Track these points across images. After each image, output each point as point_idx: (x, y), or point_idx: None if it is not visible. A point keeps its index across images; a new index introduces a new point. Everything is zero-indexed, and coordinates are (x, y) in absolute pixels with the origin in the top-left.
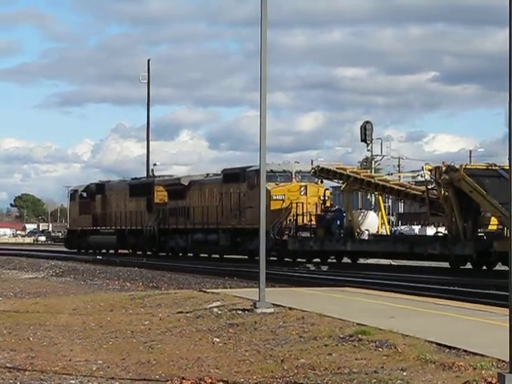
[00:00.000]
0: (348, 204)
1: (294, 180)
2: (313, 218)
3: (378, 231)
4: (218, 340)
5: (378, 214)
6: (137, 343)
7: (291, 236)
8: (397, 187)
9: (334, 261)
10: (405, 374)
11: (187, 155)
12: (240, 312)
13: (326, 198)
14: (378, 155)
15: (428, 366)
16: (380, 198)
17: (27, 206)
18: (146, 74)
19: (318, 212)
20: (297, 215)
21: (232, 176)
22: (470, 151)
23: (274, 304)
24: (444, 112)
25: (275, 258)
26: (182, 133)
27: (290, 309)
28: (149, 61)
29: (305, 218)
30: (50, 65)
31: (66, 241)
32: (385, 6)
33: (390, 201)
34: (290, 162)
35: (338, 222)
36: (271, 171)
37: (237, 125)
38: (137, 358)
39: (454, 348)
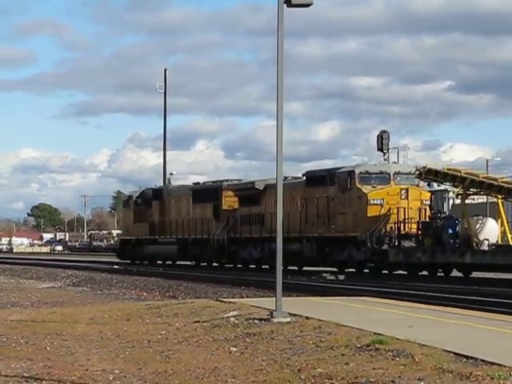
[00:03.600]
0: (464, 210)
1: (392, 182)
2: (413, 226)
3: (497, 240)
4: (234, 349)
5: (497, 221)
6: (153, 353)
7: (392, 246)
8: None
9: (353, 270)
10: (422, 383)
11: (203, 164)
12: (257, 321)
13: (432, 202)
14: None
15: (445, 375)
16: (500, 202)
17: (44, 216)
18: (163, 83)
19: (422, 218)
20: (400, 222)
21: (317, 179)
22: (487, 160)
23: (290, 313)
24: (460, 121)
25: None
26: (198, 142)
27: (307, 318)
28: (165, 70)
29: (407, 225)
30: (66, 75)
31: (118, 251)
32: (400, 15)
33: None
34: (387, 163)
35: (450, 231)
36: (366, 172)
37: (253, 134)
38: (153, 368)
39: (472, 358)
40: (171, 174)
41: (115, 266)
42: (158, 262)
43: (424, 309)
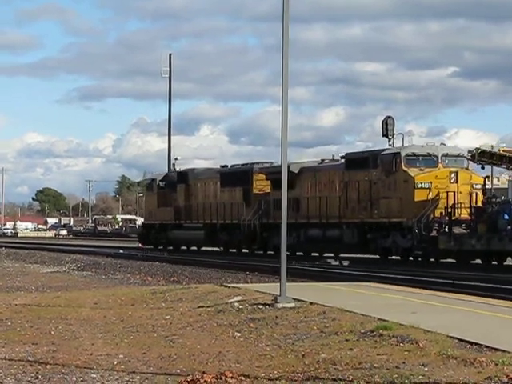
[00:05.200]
0: None
1: (440, 165)
2: (463, 211)
3: None
4: (238, 334)
5: None
6: (158, 337)
7: (442, 232)
8: None
9: (359, 256)
10: (426, 369)
11: (208, 150)
12: (261, 307)
13: (486, 186)
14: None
15: (449, 361)
16: None
17: (49, 201)
18: (168, 68)
19: (472, 203)
20: (451, 207)
21: (359, 161)
22: (492, 146)
23: (295, 299)
24: (465, 107)
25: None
26: (203, 128)
27: (311, 304)
28: (170, 55)
29: (456, 210)
30: (71, 60)
31: (141, 236)
32: (405, 1)
33: None
34: (435, 144)
35: (506, 217)
36: (413, 154)
37: (257, 120)
38: (158, 353)
39: (476, 344)
40: (176, 159)
41: (120, 251)
42: (183, 247)
43: (428, 295)
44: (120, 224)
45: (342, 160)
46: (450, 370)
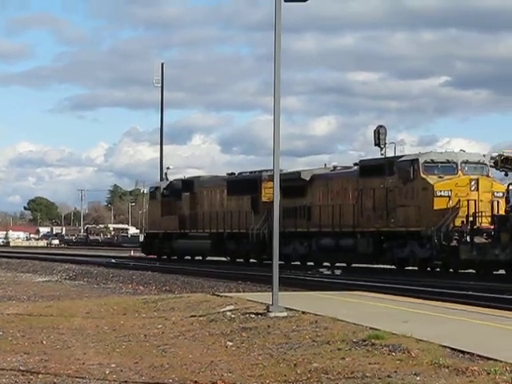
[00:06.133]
0: None
1: (460, 172)
2: (484, 220)
3: None
4: (231, 344)
5: None
6: (150, 347)
7: (464, 242)
8: None
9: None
10: (418, 378)
11: (200, 159)
12: (253, 316)
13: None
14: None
15: (441, 370)
16: None
17: (41, 210)
18: (160, 77)
19: (494, 212)
20: (473, 216)
21: (374, 168)
22: (484, 156)
23: (287, 308)
24: (457, 116)
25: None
26: (195, 137)
27: (304, 313)
28: (162, 64)
29: (477, 219)
30: (63, 69)
31: (143, 246)
32: (397, 10)
33: None
34: (454, 150)
35: None
36: (431, 161)
37: (249, 129)
38: (150, 362)
39: (468, 353)
40: (168, 168)
41: (112, 261)
42: (187, 257)
43: (420, 304)
44: (112, 233)
45: (355, 167)
46: (442, 379)
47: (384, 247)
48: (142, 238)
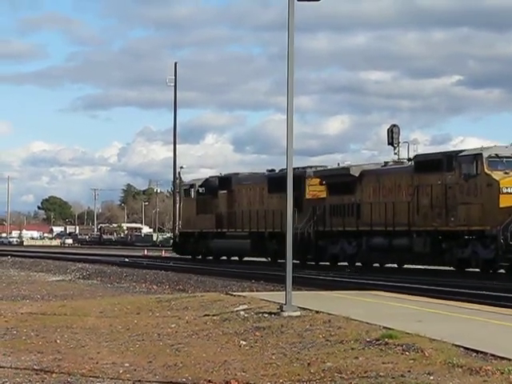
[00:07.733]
0: None
1: None
2: None
3: None
4: (244, 343)
5: None
6: (163, 346)
7: None
8: None
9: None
10: (432, 378)
11: (213, 158)
12: (266, 315)
13: None
14: (405, 159)
15: (455, 370)
16: None
17: (54, 209)
18: (173, 77)
19: None
20: None
21: (431, 163)
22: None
23: (300, 307)
24: (469, 115)
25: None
26: (208, 136)
27: (317, 312)
28: (175, 64)
29: None
30: (76, 68)
31: (175, 245)
32: (409, 9)
33: None
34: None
35: None
36: (496, 156)
37: (262, 128)
38: (163, 361)
39: (482, 352)
40: (181, 167)
41: (126, 260)
42: (223, 257)
43: (434, 303)
44: (125, 232)
45: (409, 162)
46: (456, 378)
47: (443, 247)
48: (155, 237)
